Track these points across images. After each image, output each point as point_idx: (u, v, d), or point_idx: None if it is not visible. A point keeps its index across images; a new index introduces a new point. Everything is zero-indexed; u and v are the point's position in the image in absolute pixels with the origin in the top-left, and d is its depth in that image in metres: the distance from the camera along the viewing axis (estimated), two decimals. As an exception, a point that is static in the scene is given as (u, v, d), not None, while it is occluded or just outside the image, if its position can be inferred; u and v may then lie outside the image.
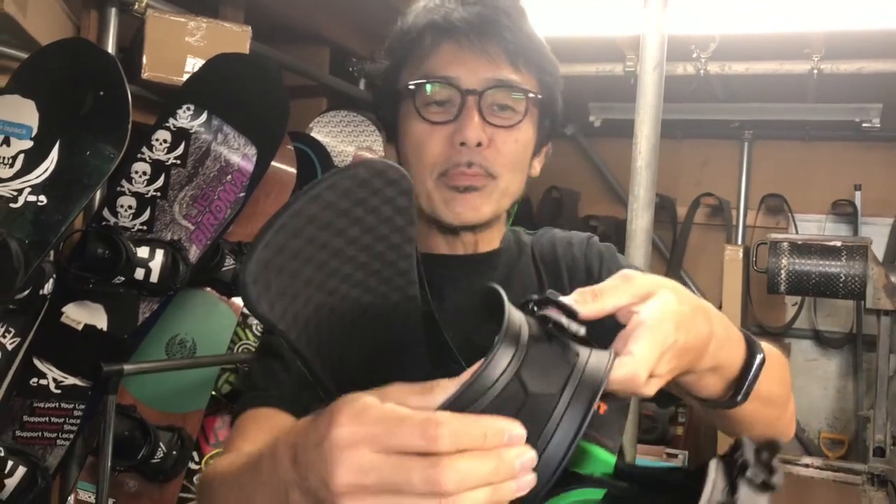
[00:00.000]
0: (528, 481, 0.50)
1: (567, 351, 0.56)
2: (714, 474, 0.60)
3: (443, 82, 0.94)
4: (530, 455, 0.50)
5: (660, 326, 0.62)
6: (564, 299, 0.60)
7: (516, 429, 0.50)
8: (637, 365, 0.60)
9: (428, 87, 0.94)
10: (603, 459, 0.69)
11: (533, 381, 0.53)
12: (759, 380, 0.74)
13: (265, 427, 0.90)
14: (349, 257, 0.60)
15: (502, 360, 0.52)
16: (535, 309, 0.58)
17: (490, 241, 1.03)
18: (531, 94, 0.96)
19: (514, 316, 0.55)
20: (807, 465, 3.13)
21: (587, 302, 0.62)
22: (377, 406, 0.50)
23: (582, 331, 0.58)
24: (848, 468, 3.10)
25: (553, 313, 0.58)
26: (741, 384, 0.74)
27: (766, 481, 0.63)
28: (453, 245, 1.02)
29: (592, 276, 1.03)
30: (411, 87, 0.95)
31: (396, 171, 0.59)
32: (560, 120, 1.05)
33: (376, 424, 0.49)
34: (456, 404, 0.50)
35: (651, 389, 0.63)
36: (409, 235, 0.62)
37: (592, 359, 0.56)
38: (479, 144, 0.93)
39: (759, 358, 0.74)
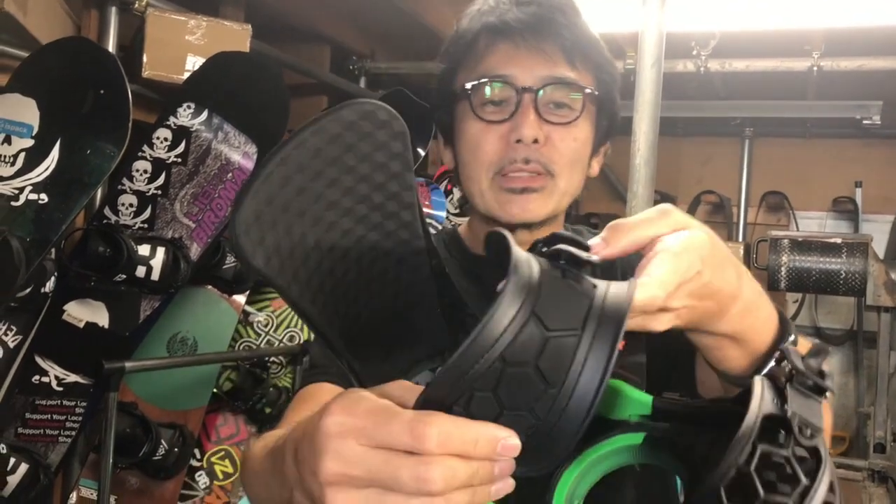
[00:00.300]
0: (505, 486, 0.49)
1: (583, 283, 0.51)
2: (760, 389, 0.56)
3: (499, 81, 0.94)
4: (509, 465, 0.48)
5: (683, 254, 0.59)
6: (572, 234, 0.56)
7: (511, 438, 0.48)
8: (653, 288, 0.56)
9: (484, 86, 0.95)
10: (637, 399, 0.64)
11: (550, 318, 0.48)
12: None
13: (317, 402, 0.88)
14: (346, 209, 0.56)
15: (514, 302, 0.48)
16: (545, 249, 0.55)
17: None
18: (588, 91, 0.95)
19: (521, 256, 0.51)
20: (807, 462, 3.12)
21: (613, 238, 0.59)
22: (370, 399, 0.49)
23: (595, 258, 0.54)
24: (848, 465, 3.10)
25: (564, 248, 0.53)
26: (766, 362, 0.69)
27: (817, 384, 0.59)
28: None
29: None
30: (467, 87, 0.95)
31: (386, 111, 0.55)
32: (618, 119, 1.03)
33: (367, 417, 0.48)
34: (468, 356, 0.46)
35: (662, 324, 0.60)
36: (409, 183, 0.58)
37: (612, 289, 0.52)
38: (535, 141, 0.92)
39: (790, 338, 0.69)
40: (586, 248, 0.55)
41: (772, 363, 0.67)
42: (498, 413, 0.48)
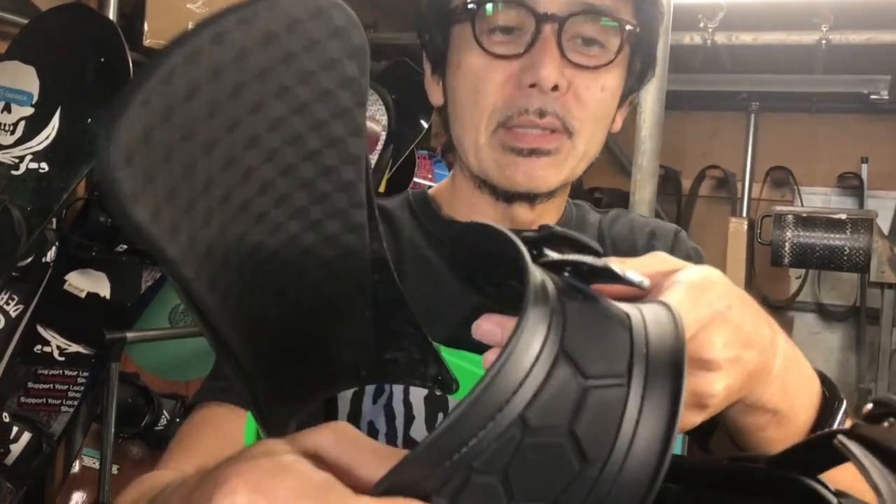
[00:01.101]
0: None
1: (612, 308, 0.35)
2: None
3: (513, 1, 0.72)
4: None
5: (706, 284, 0.44)
6: (575, 234, 0.39)
7: None
8: (686, 321, 0.39)
9: (492, 6, 0.72)
10: None
11: (586, 360, 0.32)
12: None
13: (214, 437, 0.70)
14: (269, 151, 0.37)
15: (537, 333, 0.32)
16: (535, 252, 0.38)
17: (549, 216, 0.81)
18: (628, 27, 0.73)
19: (533, 267, 0.35)
20: (807, 438, 3.14)
21: (623, 263, 0.44)
22: (297, 469, 0.31)
23: (615, 269, 0.35)
24: (848, 440, 3.11)
25: (572, 256, 0.37)
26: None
27: None
28: (504, 215, 0.79)
29: None
30: (470, 5, 0.73)
31: (344, 14, 0.38)
32: (655, 63, 0.81)
33: (291, 502, 0.29)
34: (469, 419, 0.30)
35: (715, 384, 0.44)
36: (358, 125, 0.41)
37: (647, 314, 0.36)
38: (555, 88, 0.71)
39: (842, 409, 0.53)
40: (597, 253, 0.39)
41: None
42: None
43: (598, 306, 0.35)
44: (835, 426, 0.51)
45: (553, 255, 0.37)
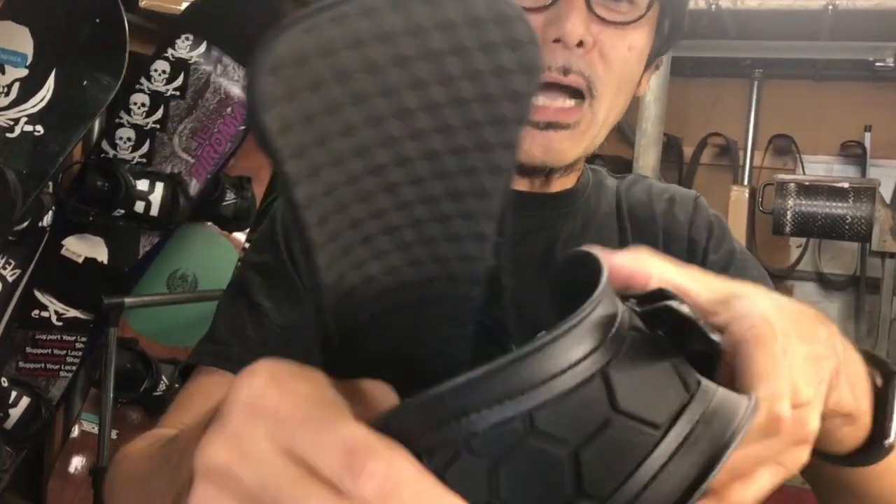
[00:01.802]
0: None
1: (685, 369, 0.34)
2: None
3: None
4: None
5: (768, 328, 0.40)
6: (687, 310, 0.36)
7: None
8: (773, 393, 0.38)
9: None
10: None
11: (626, 393, 0.31)
12: None
13: (212, 399, 0.64)
14: (416, 129, 0.36)
15: (583, 341, 0.31)
16: (636, 302, 0.37)
17: (565, 181, 0.79)
18: None
19: (610, 294, 0.34)
20: (805, 406, 3.15)
21: None
22: (315, 383, 0.31)
23: (717, 339, 0.35)
24: (846, 409, 3.13)
25: (674, 304, 0.35)
26: (881, 425, 0.50)
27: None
28: (518, 179, 0.76)
29: (696, 251, 0.80)
30: None
31: (527, 30, 0.36)
32: (684, 24, 0.77)
33: (298, 406, 0.30)
34: (480, 390, 0.29)
35: (815, 421, 0.41)
36: (512, 139, 0.38)
37: (722, 393, 0.34)
38: (580, 44, 0.67)
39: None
40: (711, 343, 0.36)
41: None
42: (482, 501, 0.30)
43: (666, 363, 0.33)
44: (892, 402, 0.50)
45: (674, 304, 0.36)
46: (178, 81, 2.00)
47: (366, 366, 0.38)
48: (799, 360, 0.41)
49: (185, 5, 2.01)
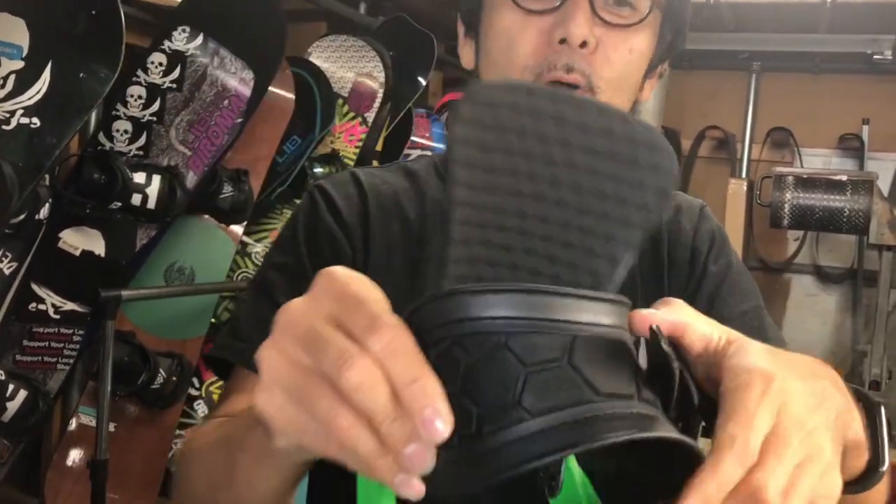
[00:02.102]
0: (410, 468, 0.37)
1: (637, 384, 0.41)
2: None
3: None
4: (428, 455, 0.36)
5: (750, 377, 0.43)
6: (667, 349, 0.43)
7: (445, 418, 0.36)
8: (742, 427, 0.41)
9: None
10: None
11: (582, 359, 0.39)
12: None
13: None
14: (557, 198, 0.44)
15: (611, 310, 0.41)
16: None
17: None
18: None
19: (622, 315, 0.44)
20: (802, 399, 3.16)
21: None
22: (367, 285, 0.41)
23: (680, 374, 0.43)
24: (843, 402, 3.13)
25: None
26: (876, 454, 0.55)
27: None
28: None
29: (698, 260, 0.82)
30: None
31: (671, 162, 0.44)
32: (685, 34, 0.83)
33: (359, 293, 0.40)
34: (502, 300, 0.39)
35: (828, 444, 0.44)
36: (633, 241, 0.45)
37: (651, 415, 0.40)
38: (583, 45, 0.72)
39: (882, 409, 0.56)
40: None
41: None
42: (453, 389, 0.38)
43: (629, 370, 0.41)
44: (883, 426, 0.55)
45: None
46: (175, 74, 2.00)
47: None
48: (797, 395, 0.44)
49: (181, -3, 2.00)
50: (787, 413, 0.42)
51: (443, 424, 0.36)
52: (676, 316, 0.47)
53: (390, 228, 0.74)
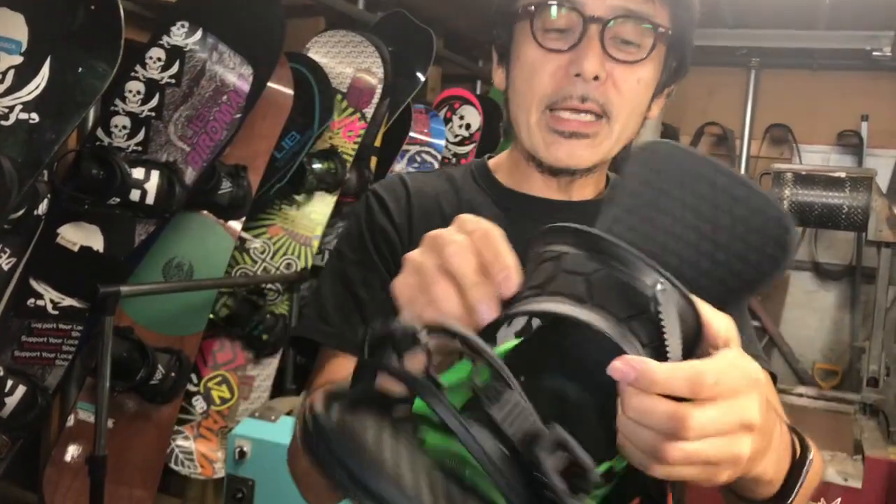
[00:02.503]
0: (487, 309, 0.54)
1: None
2: None
3: (565, 6, 0.86)
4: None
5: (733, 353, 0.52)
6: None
7: (514, 280, 0.54)
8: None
9: (548, 9, 0.86)
10: None
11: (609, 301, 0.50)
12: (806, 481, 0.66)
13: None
14: (678, 252, 0.55)
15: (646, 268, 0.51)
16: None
17: (587, 189, 0.96)
18: (661, 30, 0.86)
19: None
20: (800, 395, 3.17)
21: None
22: (491, 227, 0.58)
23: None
24: (841, 398, 3.14)
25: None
26: (788, 489, 0.64)
27: None
28: (548, 186, 0.94)
29: None
30: (530, 8, 0.87)
31: (789, 237, 0.54)
32: (689, 60, 0.95)
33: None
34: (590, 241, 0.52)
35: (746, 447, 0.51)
36: (740, 295, 0.56)
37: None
38: (596, 78, 0.85)
39: (810, 455, 0.66)
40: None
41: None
42: (533, 285, 0.53)
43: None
44: (802, 476, 0.65)
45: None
46: (174, 69, 1.99)
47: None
48: (750, 381, 0.52)
49: (180, -8, 2.00)
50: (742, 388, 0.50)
51: (513, 284, 0.54)
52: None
53: (431, 225, 0.81)
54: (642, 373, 0.47)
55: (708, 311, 0.53)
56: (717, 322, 0.53)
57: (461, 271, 0.55)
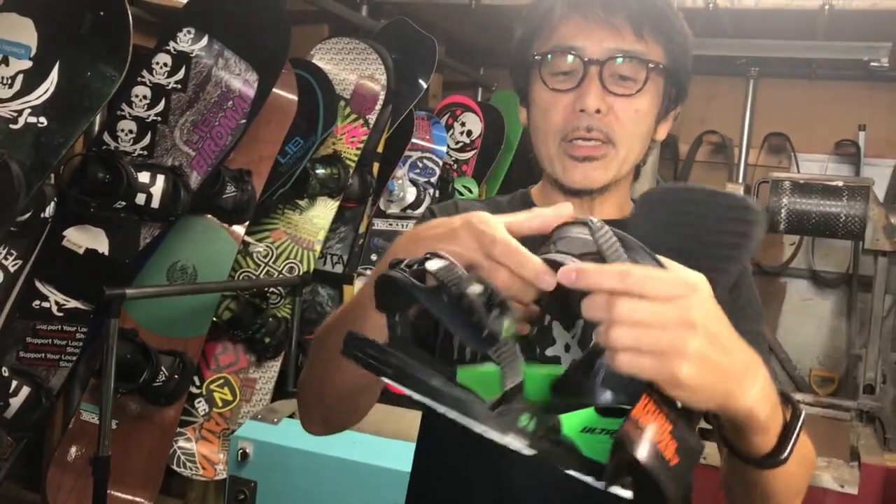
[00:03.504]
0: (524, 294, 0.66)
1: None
2: None
3: (567, 53, 0.99)
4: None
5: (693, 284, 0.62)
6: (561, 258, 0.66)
7: (548, 278, 0.64)
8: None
9: (552, 57, 1.00)
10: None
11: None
12: (799, 442, 0.74)
13: None
14: (676, 247, 0.69)
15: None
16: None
17: (608, 210, 1.06)
18: (651, 65, 0.99)
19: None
20: (797, 402, 3.18)
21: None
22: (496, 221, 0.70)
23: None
24: (837, 405, 3.16)
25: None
26: (783, 441, 0.73)
27: None
28: (568, 201, 1.02)
29: None
30: (537, 57, 1.02)
31: (756, 217, 0.74)
32: (688, 85, 1.08)
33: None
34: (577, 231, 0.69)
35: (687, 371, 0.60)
36: (721, 267, 0.73)
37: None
38: (598, 111, 0.98)
39: (802, 414, 0.76)
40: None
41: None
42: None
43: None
44: (798, 423, 0.74)
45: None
46: (180, 74, 2.02)
47: None
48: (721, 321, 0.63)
49: (186, -1, 2.02)
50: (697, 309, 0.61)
51: (548, 277, 0.64)
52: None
53: None
54: (579, 273, 0.60)
55: (674, 265, 0.63)
56: (684, 271, 0.63)
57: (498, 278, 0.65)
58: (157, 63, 2.01)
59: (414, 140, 2.97)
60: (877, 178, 3.34)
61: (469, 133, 3.39)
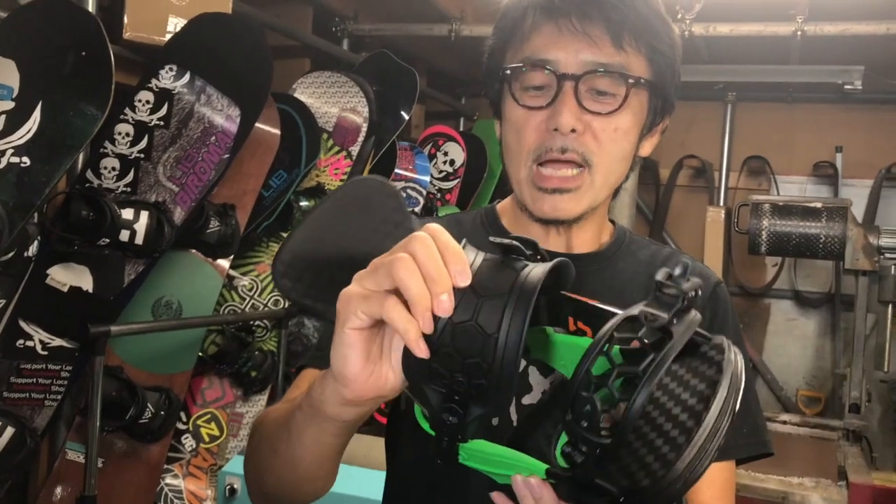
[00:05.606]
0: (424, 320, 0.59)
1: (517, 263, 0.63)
2: None
3: (539, 66, 0.90)
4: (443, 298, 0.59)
5: None
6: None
7: (447, 303, 0.59)
8: None
9: (523, 72, 0.91)
10: (569, 343, 0.68)
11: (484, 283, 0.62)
12: None
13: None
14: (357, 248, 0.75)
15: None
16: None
17: (585, 241, 0.99)
18: (632, 80, 0.89)
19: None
20: (784, 422, 3.20)
21: None
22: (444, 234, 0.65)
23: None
24: (824, 424, 3.17)
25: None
26: None
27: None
28: (546, 232, 0.97)
29: (705, 318, 0.93)
30: (507, 71, 0.92)
31: (398, 201, 0.77)
32: (675, 97, 0.99)
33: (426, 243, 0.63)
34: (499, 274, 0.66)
35: None
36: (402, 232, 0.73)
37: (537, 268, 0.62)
38: (573, 131, 0.89)
39: None
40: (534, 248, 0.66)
41: None
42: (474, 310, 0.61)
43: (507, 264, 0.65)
44: None
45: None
46: (162, 111, 2.03)
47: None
48: None
49: (168, 36, 2.04)
50: None
51: (448, 305, 0.58)
52: None
53: None
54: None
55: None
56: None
57: (407, 288, 0.60)
58: (140, 100, 2.02)
59: (397, 170, 2.99)
60: (854, 199, 3.40)
61: (452, 162, 3.41)
